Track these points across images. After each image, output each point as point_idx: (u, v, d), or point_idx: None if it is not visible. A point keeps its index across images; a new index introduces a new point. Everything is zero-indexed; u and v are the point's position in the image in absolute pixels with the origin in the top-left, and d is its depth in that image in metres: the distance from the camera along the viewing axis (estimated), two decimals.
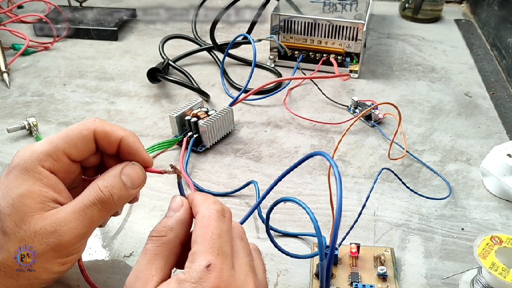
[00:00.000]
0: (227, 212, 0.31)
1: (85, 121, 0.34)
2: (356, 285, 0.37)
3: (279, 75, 0.68)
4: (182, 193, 0.34)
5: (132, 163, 0.34)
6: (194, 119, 0.53)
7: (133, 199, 0.38)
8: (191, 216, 0.32)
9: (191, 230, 0.32)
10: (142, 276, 0.29)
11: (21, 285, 0.31)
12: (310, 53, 0.69)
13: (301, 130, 0.57)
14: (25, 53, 0.73)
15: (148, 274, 0.29)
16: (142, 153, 0.35)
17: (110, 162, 0.35)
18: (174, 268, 0.32)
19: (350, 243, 0.40)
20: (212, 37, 0.69)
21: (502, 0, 0.75)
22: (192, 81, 0.66)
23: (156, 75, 0.64)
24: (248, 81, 0.59)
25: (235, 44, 0.71)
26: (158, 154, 0.53)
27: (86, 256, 0.41)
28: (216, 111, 0.55)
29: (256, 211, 0.45)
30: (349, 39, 0.66)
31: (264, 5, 0.68)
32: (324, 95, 0.63)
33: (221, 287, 0.27)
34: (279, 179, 0.34)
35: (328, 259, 0.28)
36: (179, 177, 0.34)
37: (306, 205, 0.32)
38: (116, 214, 0.38)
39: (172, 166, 0.34)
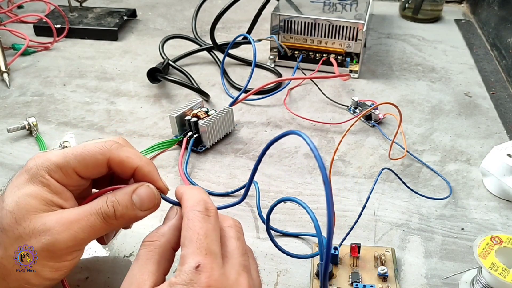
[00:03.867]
0: (212, 211, 0.31)
1: (104, 143, 0.33)
2: (357, 285, 0.37)
3: (279, 75, 0.68)
4: (173, 203, 0.34)
5: (147, 184, 0.33)
6: (194, 119, 0.53)
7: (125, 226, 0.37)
8: None
9: None
10: (135, 281, 0.29)
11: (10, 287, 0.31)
12: (310, 53, 0.69)
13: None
14: (25, 53, 0.73)
15: (140, 279, 0.29)
16: (158, 182, 0.34)
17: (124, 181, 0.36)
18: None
19: (351, 243, 0.40)
20: (212, 37, 0.69)
21: (502, 0, 0.75)
22: (192, 81, 0.66)
23: (156, 75, 0.64)
24: (248, 81, 0.59)
25: (235, 44, 0.71)
26: (158, 154, 0.53)
27: (86, 256, 0.41)
28: (216, 111, 0.55)
29: (256, 211, 0.45)
30: (349, 39, 0.66)
31: (264, 5, 0.68)
32: (324, 95, 0.63)
33: (212, 286, 0.27)
34: (258, 162, 0.33)
35: (325, 259, 0.28)
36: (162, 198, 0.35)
37: (307, 205, 0.32)
38: (127, 227, 0.38)
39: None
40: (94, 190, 0.37)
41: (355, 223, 0.41)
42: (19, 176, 0.32)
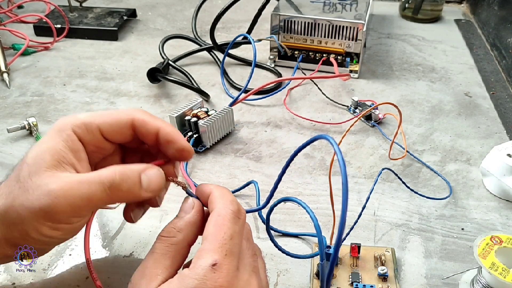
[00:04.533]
0: (242, 214, 0.31)
1: (130, 109, 0.34)
2: (357, 285, 0.37)
3: (279, 75, 0.68)
4: (193, 196, 0.34)
5: (157, 168, 0.33)
6: (194, 119, 0.53)
7: (154, 203, 0.37)
8: (201, 218, 0.32)
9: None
10: (148, 273, 0.29)
11: (14, 237, 0.31)
12: (310, 53, 0.69)
13: (301, 130, 0.57)
14: (25, 53, 0.73)
15: (153, 273, 0.29)
16: (181, 141, 0.34)
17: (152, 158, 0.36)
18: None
19: (351, 243, 0.40)
20: (212, 37, 0.69)
21: (502, 0, 0.75)
22: (192, 81, 0.66)
23: (156, 75, 0.64)
24: (248, 81, 0.59)
25: (235, 44, 0.71)
26: None
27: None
28: (216, 111, 0.55)
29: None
30: (349, 39, 0.66)
31: (264, 5, 0.68)
32: (324, 95, 0.63)
33: (224, 287, 0.27)
34: (286, 166, 0.32)
35: (331, 259, 0.28)
36: (184, 189, 0.34)
37: (307, 205, 0.32)
38: (155, 205, 0.37)
39: (174, 181, 0.34)
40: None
41: (355, 223, 0.41)
42: (47, 133, 0.33)
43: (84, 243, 0.34)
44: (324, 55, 0.68)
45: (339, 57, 0.68)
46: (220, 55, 0.71)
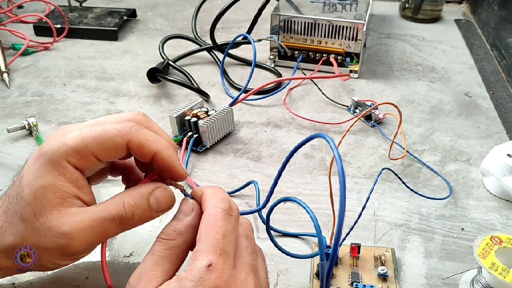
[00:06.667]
0: (234, 211, 0.31)
1: (123, 125, 0.32)
2: (357, 285, 0.37)
3: (279, 75, 0.68)
4: (190, 198, 0.34)
5: (164, 187, 0.33)
6: (194, 119, 0.53)
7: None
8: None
9: None
10: (147, 276, 0.29)
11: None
12: (310, 53, 0.69)
13: (301, 130, 0.57)
14: (25, 53, 0.73)
15: (152, 275, 0.29)
16: (177, 167, 0.33)
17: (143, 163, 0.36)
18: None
19: (351, 243, 0.40)
20: (212, 37, 0.69)
21: (502, 0, 0.75)
22: (192, 81, 0.66)
23: (156, 75, 0.64)
24: (248, 81, 0.59)
25: (235, 44, 0.71)
26: None
27: (86, 256, 0.41)
28: (216, 111, 0.55)
29: None
30: (349, 39, 0.66)
31: (264, 5, 0.68)
32: (324, 95, 0.63)
33: (221, 287, 0.27)
34: (284, 166, 0.33)
35: (330, 259, 0.28)
36: (182, 191, 0.34)
37: (306, 205, 0.32)
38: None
39: (173, 184, 0.34)
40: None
41: (355, 223, 0.41)
42: (35, 161, 0.32)
43: (103, 272, 0.34)
44: (324, 55, 0.68)
45: (339, 57, 0.68)
46: (220, 55, 0.71)
